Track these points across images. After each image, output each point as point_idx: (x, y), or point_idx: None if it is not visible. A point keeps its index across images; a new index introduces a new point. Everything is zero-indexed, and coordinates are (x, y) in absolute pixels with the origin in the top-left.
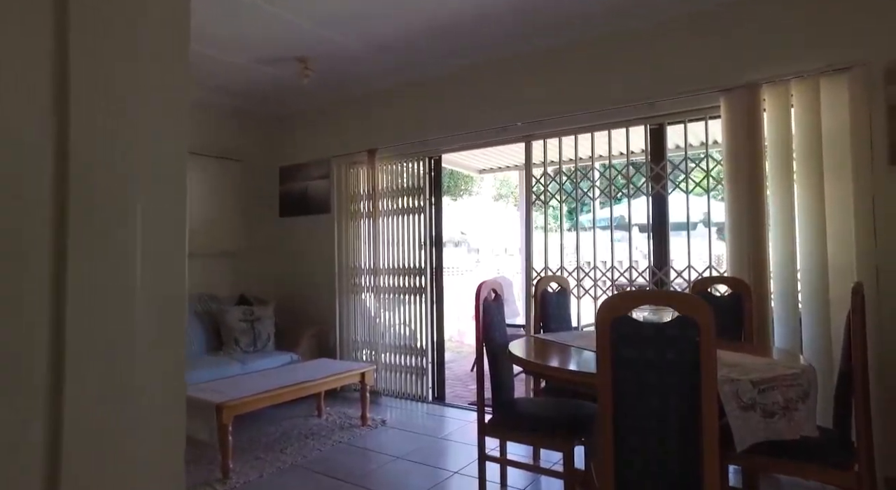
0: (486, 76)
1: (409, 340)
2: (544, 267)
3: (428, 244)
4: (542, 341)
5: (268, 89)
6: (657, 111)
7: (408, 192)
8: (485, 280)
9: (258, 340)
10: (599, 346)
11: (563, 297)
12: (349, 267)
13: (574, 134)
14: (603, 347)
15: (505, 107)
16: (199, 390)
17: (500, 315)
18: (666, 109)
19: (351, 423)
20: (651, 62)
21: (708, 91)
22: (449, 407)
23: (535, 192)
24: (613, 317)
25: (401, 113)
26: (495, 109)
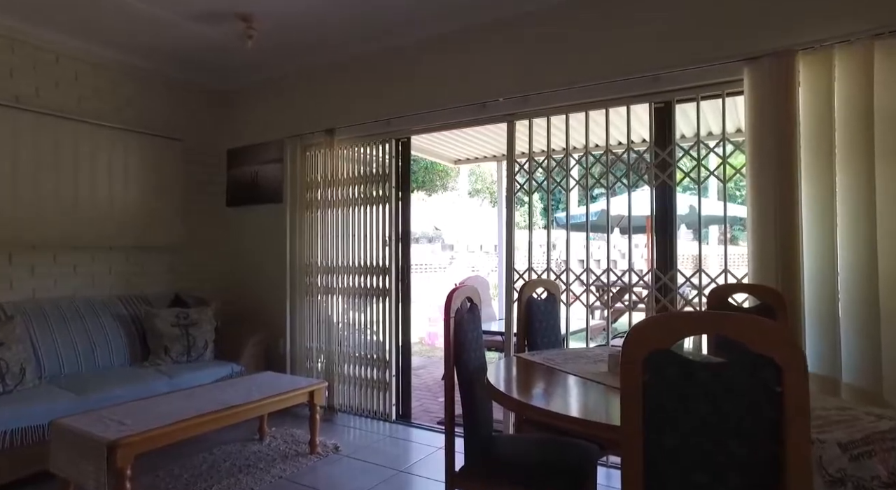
0: (463, 44)
1: (370, 349)
2: (528, 268)
3: (393, 240)
4: (528, 364)
5: (206, 55)
6: (663, 85)
7: (371, 179)
8: (456, 286)
9: (193, 349)
10: (626, 392)
11: (552, 305)
12: (303, 264)
13: (565, 113)
14: (630, 395)
15: (484, 81)
16: (94, 419)
17: (475, 330)
18: (674, 83)
19: (297, 449)
20: (657, 25)
21: (727, 60)
22: (415, 427)
23: (519, 180)
24: (649, 352)
25: (364, 87)
26: (473, 84)
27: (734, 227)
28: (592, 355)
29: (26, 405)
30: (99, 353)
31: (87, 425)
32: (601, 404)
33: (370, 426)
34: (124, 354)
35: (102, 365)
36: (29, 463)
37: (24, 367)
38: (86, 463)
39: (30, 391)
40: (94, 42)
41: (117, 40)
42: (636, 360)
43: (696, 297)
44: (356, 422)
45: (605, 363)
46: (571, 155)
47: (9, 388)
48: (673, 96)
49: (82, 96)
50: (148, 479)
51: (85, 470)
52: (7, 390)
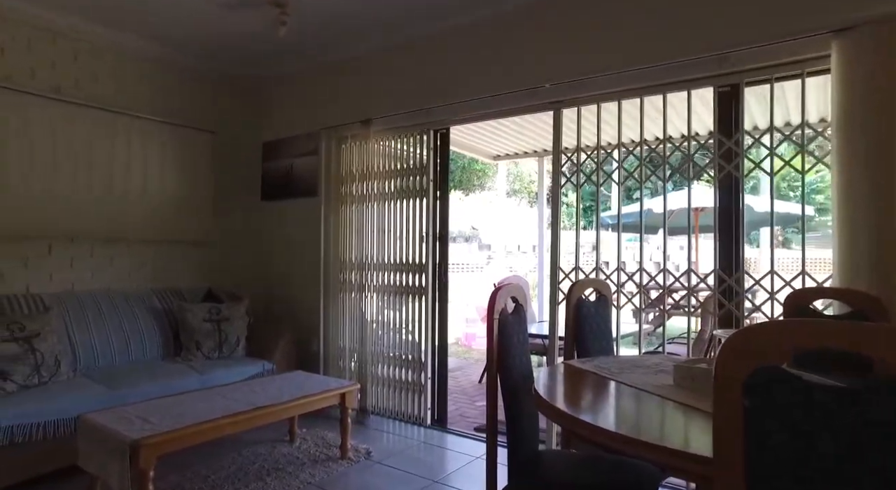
0: (507, 27)
1: (405, 350)
2: (575, 267)
3: (431, 236)
4: (579, 372)
5: (240, 45)
6: (731, 66)
7: (408, 172)
8: (501, 283)
9: (224, 345)
10: (722, 421)
11: (604, 308)
12: (337, 260)
13: (617, 99)
14: (727, 424)
15: (529, 65)
16: (120, 416)
17: (521, 334)
18: (744, 63)
19: (328, 454)
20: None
21: (810, 33)
22: (451, 434)
23: (566, 172)
24: (753, 369)
25: (402, 76)
26: (517, 70)
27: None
28: (650, 364)
29: (60, 398)
30: (133, 347)
31: (113, 422)
32: (672, 425)
33: (404, 431)
34: (157, 348)
35: (136, 358)
36: (62, 455)
37: (60, 360)
38: (110, 461)
39: (64, 383)
40: (129, 33)
41: (153, 31)
42: (735, 378)
43: (766, 302)
44: (389, 425)
45: (667, 374)
46: (624, 145)
47: (44, 379)
48: (742, 78)
49: (119, 88)
50: (175, 479)
51: (110, 468)
52: (42, 382)
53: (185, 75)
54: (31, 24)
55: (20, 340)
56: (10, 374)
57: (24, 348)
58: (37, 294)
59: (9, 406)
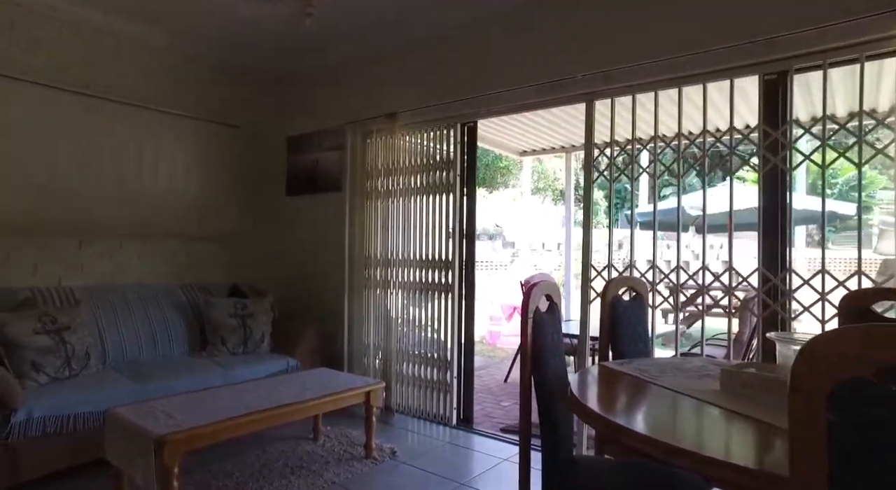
0: (538, 16)
1: (430, 348)
2: (608, 264)
3: (457, 232)
4: (616, 375)
5: (266, 39)
6: (779, 51)
7: (435, 167)
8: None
9: (249, 341)
10: (800, 439)
11: (640, 308)
12: (362, 256)
13: (653, 90)
14: (806, 441)
15: (561, 55)
16: (146, 412)
17: (556, 333)
18: (793, 48)
19: (352, 453)
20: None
21: (870, 13)
22: (477, 434)
23: (597, 166)
24: (839, 381)
25: (428, 68)
26: (548, 60)
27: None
28: (693, 368)
29: (90, 390)
30: (159, 341)
31: (139, 417)
32: (726, 435)
33: (429, 430)
34: (183, 343)
35: (162, 353)
36: (92, 448)
37: (89, 352)
38: (136, 456)
39: (93, 376)
40: (156, 28)
41: (178, 26)
42: (817, 390)
43: (815, 304)
44: (414, 425)
45: (712, 379)
46: (661, 138)
47: (74, 371)
48: (790, 64)
49: (145, 83)
50: (200, 475)
51: (135, 463)
52: (73, 374)
53: (210, 70)
54: (63, 20)
55: (52, 333)
56: (43, 366)
57: (56, 341)
58: (68, 287)
59: (41, 397)
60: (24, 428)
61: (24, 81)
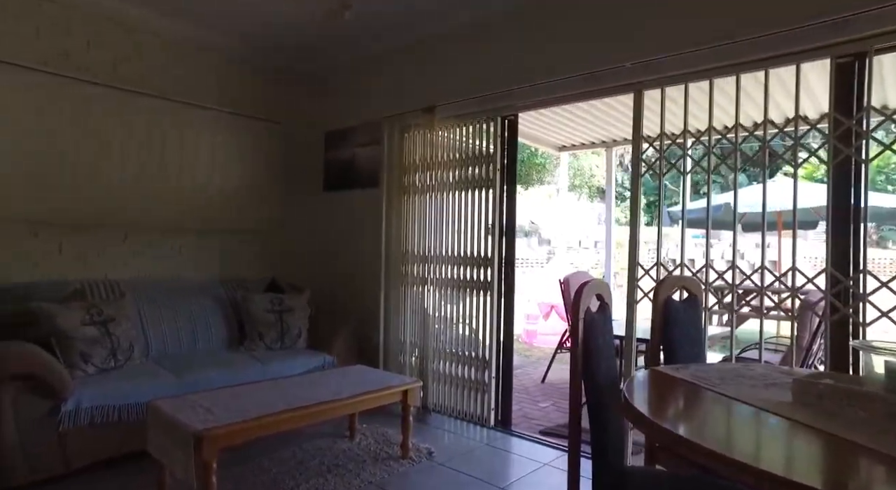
0: (581, 2)
1: (468, 347)
2: (656, 263)
3: (497, 228)
4: (671, 381)
5: (304, 34)
6: (853, 31)
7: (474, 162)
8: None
9: (286, 336)
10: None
11: (694, 309)
12: (399, 252)
13: (707, 78)
14: None
15: (607, 43)
16: (185, 405)
17: (607, 335)
18: (871, 26)
19: (388, 452)
20: None
21: None
22: (515, 436)
23: (646, 160)
24: None
25: (468, 60)
26: (593, 48)
27: (882, 227)
28: (756, 375)
29: (133, 382)
30: (199, 335)
31: (178, 411)
32: (797, 452)
33: (466, 431)
34: (222, 337)
35: (201, 346)
36: (135, 439)
37: (133, 345)
38: (176, 450)
39: (137, 368)
40: (196, 25)
41: (219, 23)
42: None
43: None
44: (451, 425)
45: (780, 389)
46: (716, 129)
47: (119, 363)
48: (870, 45)
49: (187, 80)
50: (237, 470)
51: (175, 457)
52: (118, 365)
53: (250, 66)
54: (115, 21)
55: (98, 324)
56: (91, 356)
57: (102, 332)
58: (114, 280)
59: (89, 387)
60: (73, 417)
61: (80, 81)
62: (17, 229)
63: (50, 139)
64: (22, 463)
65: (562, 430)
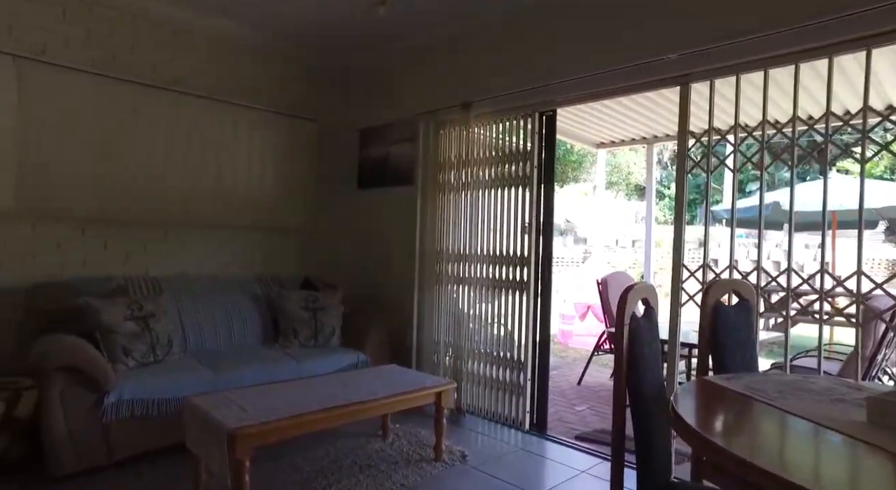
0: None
1: (503, 348)
2: (703, 264)
3: (534, 227)
4: (722, 393)
5: (339, 30)
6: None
7: (510, 159)
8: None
9: (320, 334)
10: None
11: (746, 315)
12: (433, 251)
13: (762, 68)
14: None
15: (651, 33)
16: (220, 402)
17: (653, 342)
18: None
19: (421, 454)
20: None
21: None
22: (551, 441)
23: (693, 155)
24: None
25: (505, 54)
26: (636, 38)
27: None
28: (819, 389)
29: (172, 377)
30: (235, 331)
31: (214, 408)
32: (874, 478)
33: (501, 434)
34: (257, 334)
35: (237, 342)
36: (173, 433)
37: (172, 340)
38: (210, 446)
39: (175, 363)
40: (235, 23)
41: (256, 20)
42: None
43: None
44: (485, 427)
45: (849, 406)
46: (771, 123)
47: (158, 358)
48: None
49: (225, 78)
50: (270, 467)
51: (210, 452)
52: (157, 360)
53: (287, 64)
54: (154, 21)
55: (138, 320)
56: (132, 351)
57: (142, 327)
58: (154, 276)
59: (130, 381)
60: (115, 409)
61: (125, 81)
62: (67, 228)
63: (97, 140)
64: (70, 452)
65: (599, 435)
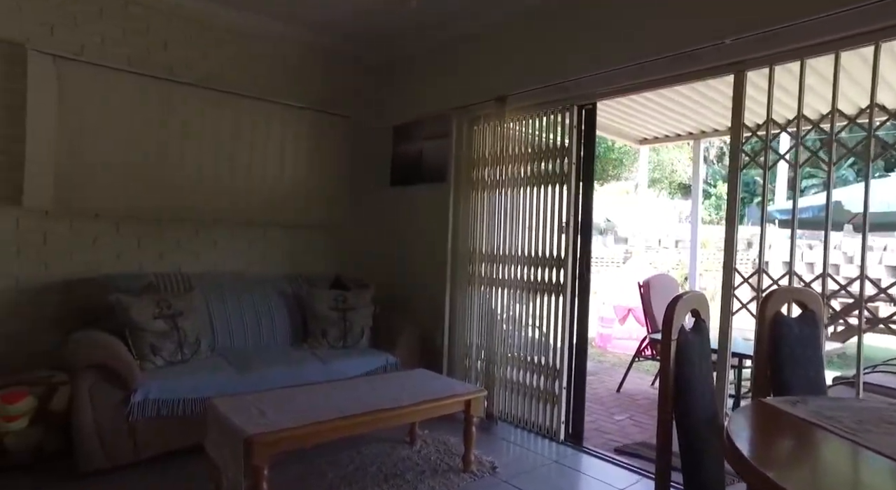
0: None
1: (538, 353)
2: (758, 269)
3: (571, 226)
4: (788, 421)
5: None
6: None
7: (547, 155)
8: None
9: (349, 335)
10: None
11: (812, 328)
12: (466, 251)
13: (833, 50)
14: None
15: (703, 16)
16: (240, 405)
17: (705, 360)
18: None
19: (449, 463)
20: None
21: None
22: (587, 454)
23: (749, 150)
24: None
25: (541, 44)
26: (684, 23)
27: None
28: None
29: (197, 376)
30: (264, 330)
31: (233, 412)
32: None
33: (533, 444)
34: (285, 334)
35: (266, 342)
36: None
37: (200, 338)
38: (227, 451)
39: (202, 362)
40: (271, 19)
41: (289, 15)
42: None
43: None
44: (517, 436)
45: None
46: (843, 114)
47: (186, 357)
48: None
49: (257, 74)
50: (295, 470)
51: (227, 458)
52: (184, 359)
53: (320, 59)
54: (189, 17)
55: (167, 318)
56: (160, 349)
57: (170, 326)
58: (186, 273)
59: (156, 380)
60: (141, 408)
61: (159, 79)
62: (102, 225)
63: (131, 138)
64: (98, 449)
65: (640, 449)
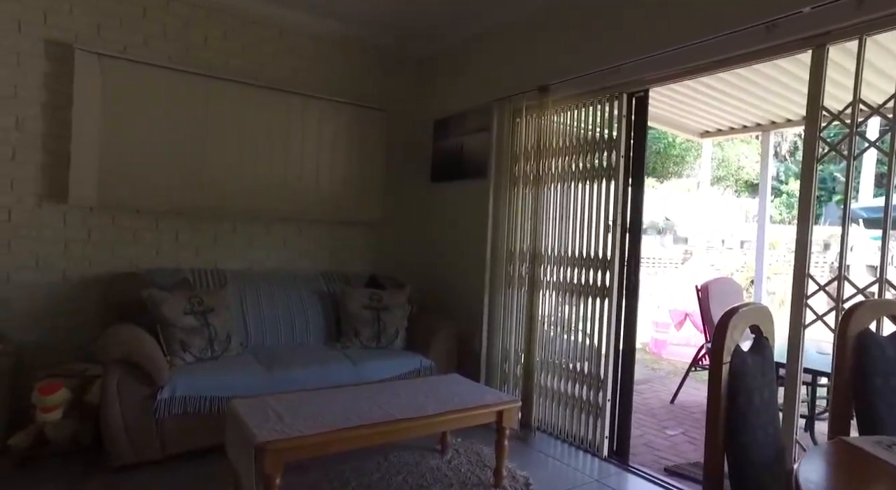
0: None
1: (581, 362)
2: (838, 275)
3: (619, 225)
4: (872, 463)
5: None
6: None
7: (594, 148)
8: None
9: (383, 335)
10: None
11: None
12: (505, 250)
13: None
14: None
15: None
16: (258, 407)
17: (767, 387)
18: None
19: (480, 477)
20: None
21: None
22: (634, 473)
23: (830, 139)
24: None
25: (585, 29)
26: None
27: None
28: None
29: (225, 375)
30: (297, 328)
31: (249, 415)
32: None
33: (573, 459)
34: (319, 332)
35: (298, 340)
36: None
37: (231, 336)
38: (241, 456)
39: (231, 360)
40: (308, 12)
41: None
42: None
43: None
44: (556, 449)
45: None
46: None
47: (216, 353)
48: None
49: (296, 69)
50: (316, 475)
51: (241, 462)
52: (214, 356)
53: (357, 52)
54: (230, 13)
55: (198, 314)
56: (190, 346)
57: (201, 322)
58: (221, 270)
59: (184, 377)
60: (168, 405)
61: (199, 75)
62: (142, 220)
63: (172, 135)
64: (126, 443)
65: (693, 471)
